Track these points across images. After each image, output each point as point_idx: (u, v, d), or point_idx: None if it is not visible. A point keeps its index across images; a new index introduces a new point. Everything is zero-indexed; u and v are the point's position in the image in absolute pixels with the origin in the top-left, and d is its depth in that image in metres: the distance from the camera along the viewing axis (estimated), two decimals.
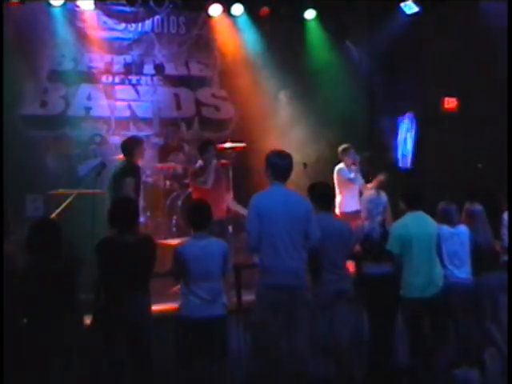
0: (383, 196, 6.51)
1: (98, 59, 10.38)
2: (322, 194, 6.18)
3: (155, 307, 5.88)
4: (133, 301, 5.37)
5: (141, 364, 5.41)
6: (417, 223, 6.29)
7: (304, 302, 5.62)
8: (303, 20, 11.01)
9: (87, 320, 5.51)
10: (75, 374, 5.16)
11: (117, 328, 5.37)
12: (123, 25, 10.46)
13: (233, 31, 10.86)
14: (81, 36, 10.16)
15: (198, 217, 5.73)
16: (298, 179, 6.38)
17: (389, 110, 10.93)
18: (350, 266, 6.46)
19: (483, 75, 9.69)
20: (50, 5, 9.68)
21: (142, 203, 9.35)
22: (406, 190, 6.60)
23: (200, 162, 8.22)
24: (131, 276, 5.39)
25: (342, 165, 8.88)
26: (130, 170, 7.63)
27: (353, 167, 8.77)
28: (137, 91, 10.67)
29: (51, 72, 10.13)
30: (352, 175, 8.72)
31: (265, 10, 10.70)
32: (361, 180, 8.84)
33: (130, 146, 7.86)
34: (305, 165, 8.36)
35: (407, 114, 10.61)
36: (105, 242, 5.54)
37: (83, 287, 5.50)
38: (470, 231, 6.56)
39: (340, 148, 8.97)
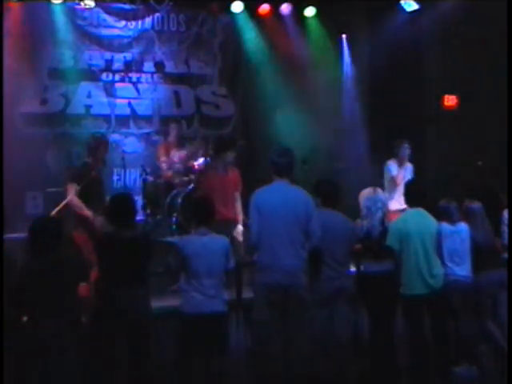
0: (380, 192, 6.52)
1: (98, 57, 10.40)
2: (325, 191, 6.19)
3: (155, 304, 5.88)
4: (132, 297, 5.37)
5: (140, 361, 5.41)
6: (416, 220, 6.29)
7: (301, 302, 5.58)
8: (303, 17, 11.03)
9: (86, 318, 5.50)
10: (74, 372, 5.16)
11: (116, 325, 5.37)
12: (123, 22, 10.48)
13: (232, 29, 10.87)
14: (81, 34, 10.19)
15: (200, 213, 5.73)
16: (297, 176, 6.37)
17: (388, 106, 10.91)
18: None
19: (483, 73, 9.68)
20: (50, 3, 9.69)
21: (141, 201, 9.40)
22: (407, 188, 6.60)
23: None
24: (130, 272, 5.39)
25: (391, 160, 8.61)
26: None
27: (406, 163, 8.53)
28: (137, 89, 10.68)
29: (51, 70, 10.15)
30: (395, 172, 8.43)
31: (264, 8, 10.76)
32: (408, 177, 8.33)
33: None
34: (304, 161, 8.34)
35: None
36: (103, 239, 5.55)
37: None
38: (470, 229, 6.56)
39: (395, 142, 8.70)
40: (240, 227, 7.34)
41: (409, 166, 8.62)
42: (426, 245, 6.25)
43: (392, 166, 8.55)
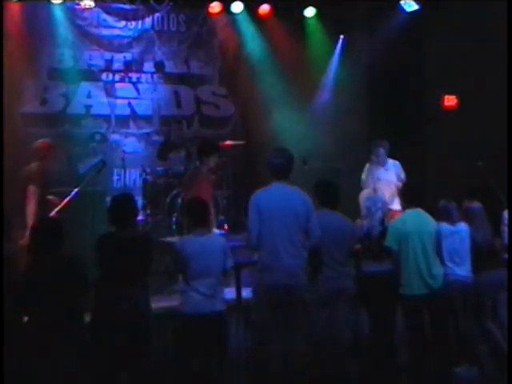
0: (380, 193, 6.53)
1: (98, 57, 10.41)
2: (324, 192, 6.19)
3: (155, 304, 5.89)
4: (132, 297, 5.37)
5: (140, 361, 5.41)
6: (414, 220, 6.30)
7: (302, 301, 5.60)
8: (303, 18, 11.03)
9: (87, 318, 5.51)
10: (75, 372, 5.16)
11: (116, 325, 5.37)
12: (123, 22, 10.48)
13: (232, 29, 10.87)
14: (81, 34, 10.19)
15: (196, 213, 5.74)
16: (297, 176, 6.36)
17: (388, 107, 10.92)
18: None
19: (483, 72, 9.68)
20: (50, 3, 9.70)
21: (141, 201, 9.40)
22: (406, 188, 6.61)
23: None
24: (130, 272, 5.39)
25: (368, 163, 8.57)
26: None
27: (388, 163, 8.43)
28: (137, 89, 10.68)
29: (51, 70, 10.16)
30: (364, 176, 8.38)
31: (264, 8, 10.77)
32: (385, 178, 8.23)
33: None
34: (304, 161, 8.33)
35: None
36: (104, 239, 5.55)
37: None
38: (470, 229, 6.56)
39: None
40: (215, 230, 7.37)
41: (393, 164, 8.54)
42: (425, 245, 6.26)
43: (364, 171, 8.47)
